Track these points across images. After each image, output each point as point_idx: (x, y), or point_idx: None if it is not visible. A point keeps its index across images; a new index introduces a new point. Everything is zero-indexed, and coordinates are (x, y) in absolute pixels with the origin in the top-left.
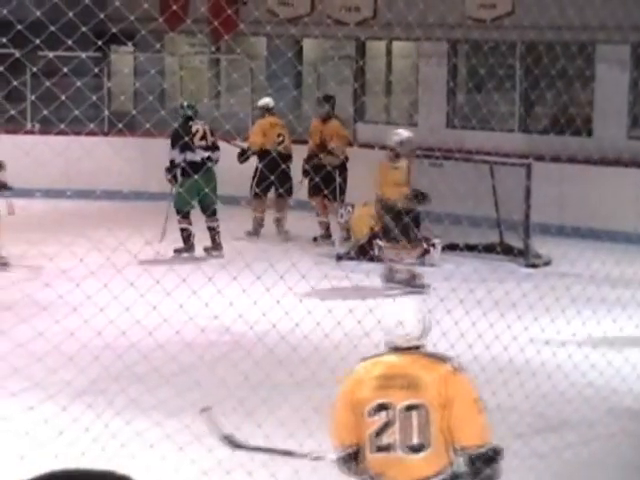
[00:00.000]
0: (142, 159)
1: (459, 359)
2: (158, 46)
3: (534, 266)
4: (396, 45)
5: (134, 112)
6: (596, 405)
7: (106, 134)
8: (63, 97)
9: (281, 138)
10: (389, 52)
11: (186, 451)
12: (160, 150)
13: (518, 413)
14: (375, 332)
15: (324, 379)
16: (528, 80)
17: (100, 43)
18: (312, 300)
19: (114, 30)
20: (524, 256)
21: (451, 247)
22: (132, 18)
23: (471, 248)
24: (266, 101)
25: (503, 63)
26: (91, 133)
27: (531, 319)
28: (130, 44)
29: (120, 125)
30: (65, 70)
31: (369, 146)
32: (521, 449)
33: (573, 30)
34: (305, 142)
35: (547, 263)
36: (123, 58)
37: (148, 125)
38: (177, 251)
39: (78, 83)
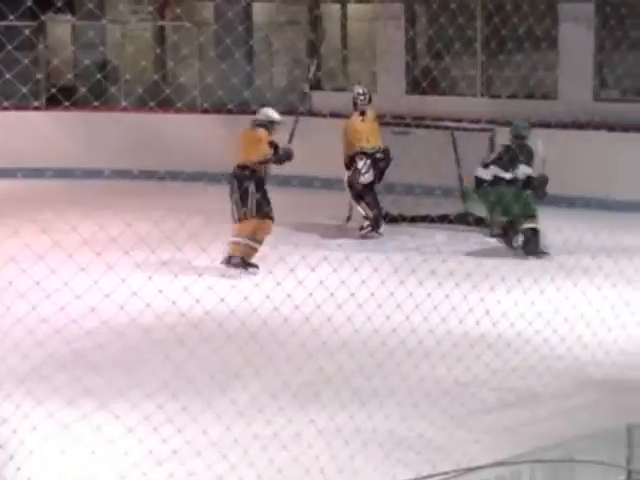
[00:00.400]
0: (85, 134)
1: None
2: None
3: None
4: (352, 8)
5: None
6: (566, 378)
7: (46, 108)
8: None
9: None
10: (344, 16)
11: (135, 432)
12: (104, 125)
13: (489, 387)
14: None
15: (293, 352)
16: (491, 43)
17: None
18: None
19: None
20: (489, 226)
21: (422, 218)
22: None
23: (442, 219)
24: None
25: (465, 25)
26: (29, 107)
27: (503, 292)
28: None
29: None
30: None
31: (326, 115)
32: (493, 424)
33: None
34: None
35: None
36: (60, 26)
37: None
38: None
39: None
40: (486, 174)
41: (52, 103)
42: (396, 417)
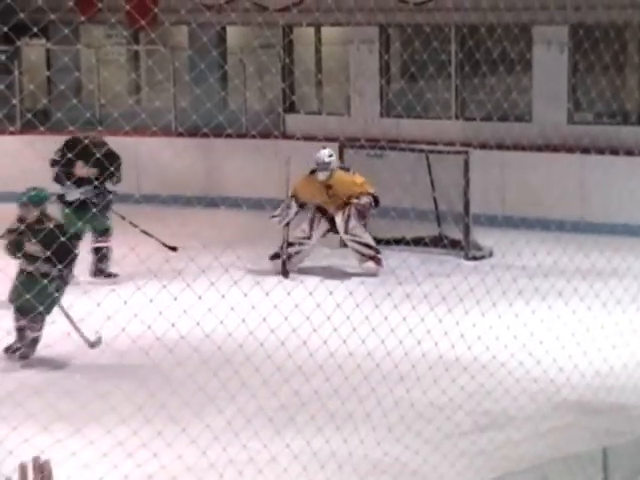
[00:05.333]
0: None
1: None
2: (72, 36)
3: (475, 258)
4: (326, 31)
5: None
6: (542, 401)
7: (20, 132)
8: None
9: None
10: (317, 39)
11: (110, 457)
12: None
13: (464, 411)
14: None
15: (268, 376)
16: (465, 66)
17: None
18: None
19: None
20: (464, 249)
21: (396, 241)
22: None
23: (416, 242)
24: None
25: (439, 48)
26: (5, 132)
27: (478, 314)
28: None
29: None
30: None
31: (300, 138)
32: (468, 448)
33: (512, 12)
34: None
35: (490, 255)
36: (35, 50)
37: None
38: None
39: None
40: None
41: (27, 127)
42: (371, 441)
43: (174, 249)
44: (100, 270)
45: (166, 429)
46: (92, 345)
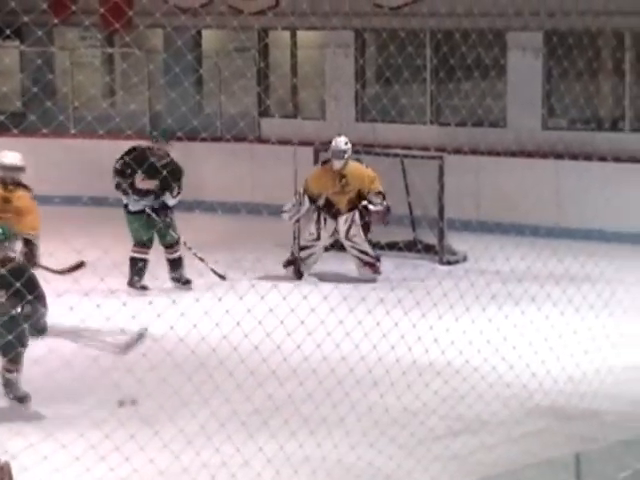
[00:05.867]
0: (33, 160)
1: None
2: (46, 39)
3: (449, 263)
4: (301, 35)
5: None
6: (515, 406)
7: None
8: None
9: None
10: (294, 43)
11: (82, 461)
12: (52, 150)
13: (438, 415)
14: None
15: (242, 380)
16: (440, 71)
17: None
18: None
19: None
20: (438, 253)
21: (372, 246)
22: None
23: (391, 246)
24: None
25: (414, 53)
26: None
27: (452, 319)
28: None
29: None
30: None
31: (275, 142)
32: (442, 452)
33: (487, 17)
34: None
35: (463, 260)
36: (9, 53)
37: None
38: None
39: None
40: None
41: (1, 130)
42: (345, 446)
43: (223, 277)
44: (176, 279)
45: (139, 433)
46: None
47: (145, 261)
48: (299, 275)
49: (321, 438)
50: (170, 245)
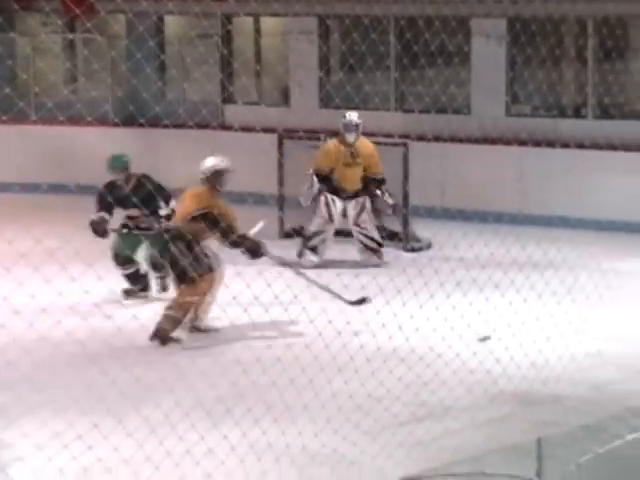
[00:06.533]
0: None
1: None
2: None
3: (413, 250)
4: (265, 22)
5: None
6: (478, 392)
7: None
8: None
9: None
10: (257, 29)
11: (45, 449)
12: (11, 137)
13: (402, 402)
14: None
15: (206, 368)
16: (405, 58)
17: None
18: None
19: None
20: (402, 241)
21: (336, 233)
22: None
23: (348, 234)
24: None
25: (379, 40)
26: None
27: (416, 306)
28: None
29: None
30: None
31: (239, 129)
32: (405, 438)
33: (451, 4)
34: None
35: (427, 247)
36: None
37: None
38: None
39: None
40: None
41: None
42: (309, 432)
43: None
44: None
45: (103, 421)
46: None
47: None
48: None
49: (285, 425)
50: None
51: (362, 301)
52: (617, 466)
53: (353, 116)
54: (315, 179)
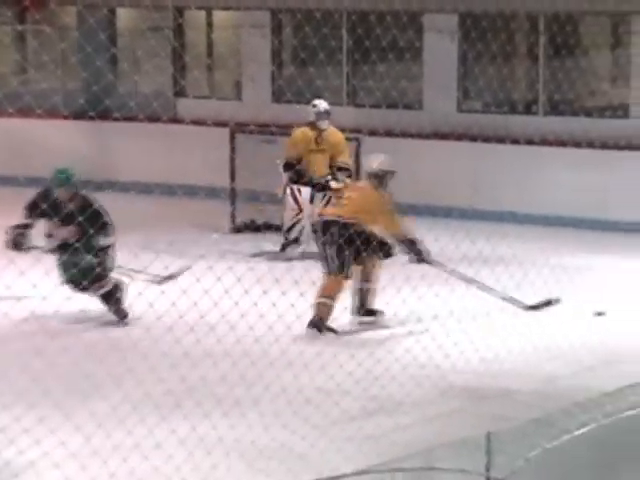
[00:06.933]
0: None
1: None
2: None
3: None
4: (218, 15)
5: None
6: (428, 387)
7: None
8: None
9: None
10: (209, 23)
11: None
12: None
13: (351, 396)
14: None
15: (155, 362)
16: (357, 52)
17: None
18: None
19: None
20: None
21: (278, 228)
22: None
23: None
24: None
25: (331, 34)
26: None
27: None
28: None
29: None
30: None
31: (191, 123)
32: (355, 433)
33: None
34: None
35: None
36: None
37: None
38: None
39: None
40: None
41: None
42: (258, 427)
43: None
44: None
45: (50, 415)
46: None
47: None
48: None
49: (234, 419)
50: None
51: (547, 304)
52: (565, 461)
53: (323, 104)
54: (282, 170)
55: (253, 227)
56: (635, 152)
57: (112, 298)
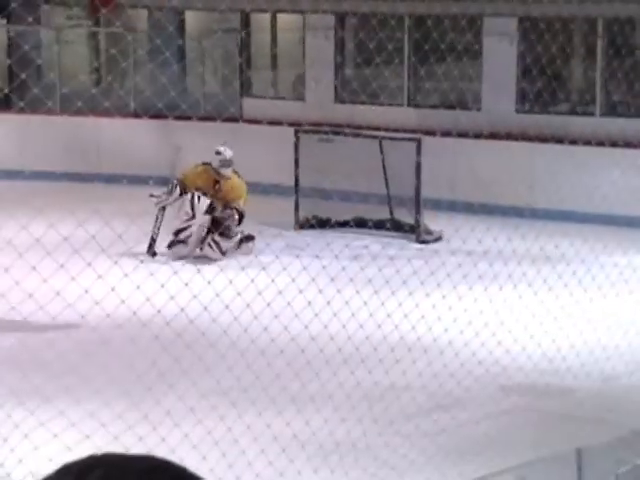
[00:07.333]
0: (18, 137)
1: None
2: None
3: (425, 242)
4: (282, 18)
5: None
6: (486, 383)
7: None
8: None
9: None
10: (274, 25)
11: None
12: (37, 127)
13: (410, 393)
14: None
15: (211, 364)
16: (417, 54)
17: None
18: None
19: None
20: (415, 232)
21: (342, 224)
22: None
23: (361, 224)
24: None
25: (392, 37)
26: None
27: (422, 296)
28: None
29: None
30: None
31: (256, 121)
32: (413, 430)
33: (461, 3)
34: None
35: (438, 239)
36: None
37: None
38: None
39: None
40: None
41: None
42: (333, 422)
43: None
44: None
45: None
46: None
47: None
48: (153, 254)
49: (309, 414)
50: None
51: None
52: None
53: (228, 151)
54: (177, 190)
55: (319, 223)
56: None
57: None
